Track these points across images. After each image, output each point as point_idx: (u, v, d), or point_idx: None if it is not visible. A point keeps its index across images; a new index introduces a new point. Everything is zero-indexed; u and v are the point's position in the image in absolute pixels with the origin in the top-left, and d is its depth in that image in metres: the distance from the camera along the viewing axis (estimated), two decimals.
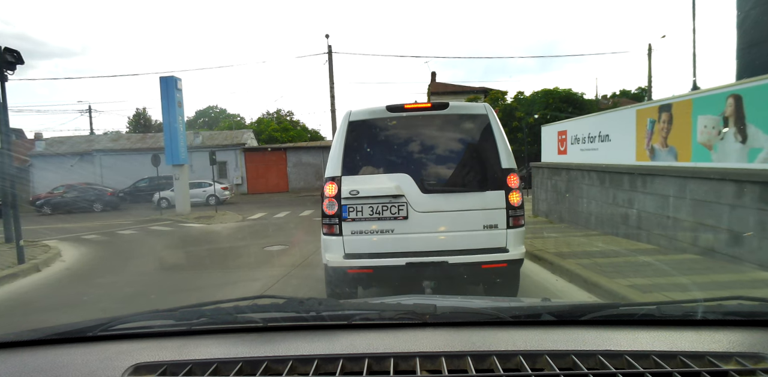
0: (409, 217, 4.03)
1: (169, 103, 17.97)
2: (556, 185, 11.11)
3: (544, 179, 11.97)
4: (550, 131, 12.13)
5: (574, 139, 10.47)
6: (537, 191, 12.59)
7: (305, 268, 7.07)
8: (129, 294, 6.23)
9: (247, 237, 11.93)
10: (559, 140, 11.39)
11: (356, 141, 4.15)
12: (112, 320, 1.26)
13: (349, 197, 4.03)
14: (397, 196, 4.02)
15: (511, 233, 4.06)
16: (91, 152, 29.85)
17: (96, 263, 9.19)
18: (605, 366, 0.98)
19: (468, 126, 4.27)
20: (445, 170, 4.19)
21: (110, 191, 24.25)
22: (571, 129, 10.68)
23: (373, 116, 4.23)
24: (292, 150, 30.32)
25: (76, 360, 1.10)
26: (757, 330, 1.18)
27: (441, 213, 4.05)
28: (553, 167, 11.40)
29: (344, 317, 1.28)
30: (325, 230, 4.15)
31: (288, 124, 48.11)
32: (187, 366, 1.03)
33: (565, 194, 10.51)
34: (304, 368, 1.02)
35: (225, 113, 65.25)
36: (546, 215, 11.81)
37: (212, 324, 1.27)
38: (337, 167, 4.09)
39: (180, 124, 18.31)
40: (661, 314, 1.23)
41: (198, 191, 22.33)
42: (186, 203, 18.82)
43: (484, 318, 1.28)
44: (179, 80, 18.26)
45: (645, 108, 7.65)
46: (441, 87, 36.70)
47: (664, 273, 5.37)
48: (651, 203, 7.09)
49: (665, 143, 6.98)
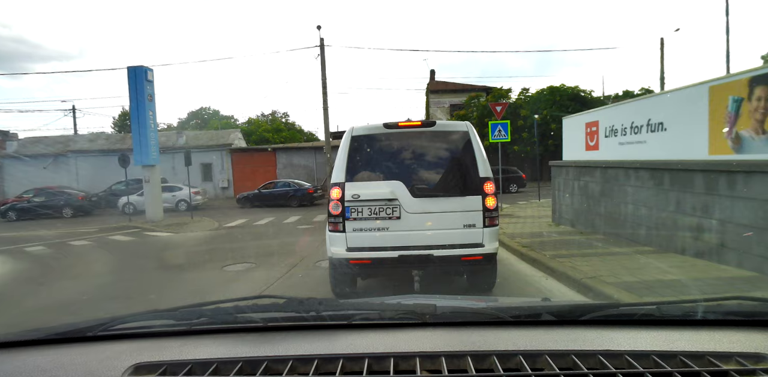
0: (401, 217, 4.66)
1: (138, 96, 16.00)
2: (587, 187, 9.16)
3: (569, 180, 10.02)
4: (574, 124, 10.19)
5: (609, 131, 8.53)
6: (559, 194, 10.63)
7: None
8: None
9: (212, 251, 9.93)
10: (587, 134, 9.45)
11: (357, 153, 4.76)
12: (112, 320, 1.26)
13: (352, 200, 4.64)
14: (392, 199, 4.64)
15: (486, 231, 4.65)
16: (67, 154, 27.82)
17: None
18: (605, 366, 0.98)
19: (452, 141, 4.84)
20: (432, 178, 4.79)
21: (81, 196, 22.24)
22: (605, 119, 8.74)
23: (371, 131, 4.84)
24: (282, 151, 28.33)
25: (76, 360, 1.10)
26: (757, 330, 1.17)
27: (428, 214, 4.66)
28: (581, 166, 9.44)
29: (344, 317, 1.29)
30: (331, 228, 4.74)
31: (281, 125, 46.13)
32: (187, 366, 1.02)
33: (600, 198, 8.56)
34: (304, 368, 1.02)
35: (218, 114, 63.44)
36: (572, 223, 9.86)
37: (212, 323, 1.26)
38: (341, 175, 4.69)
39: (151, 120, 16.33)
40: (661, 314, 1.23)
41: (167, 196, 20.30)
42: (157, 208, 16.82)
43: (485, 317, 1.29)
44: (150, 71, 16.30)
45: (724, 83, 5.69)
46: (441, 86, 34.72)
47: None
48: (745, 212, 5.13)
49: (763, 127, 5.03)
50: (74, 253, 10.71)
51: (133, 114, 16.19)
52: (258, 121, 43.75)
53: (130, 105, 16.16)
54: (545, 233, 9.16)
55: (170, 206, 20.50)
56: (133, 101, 16.07)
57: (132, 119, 16.30)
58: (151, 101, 16.39)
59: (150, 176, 16.48)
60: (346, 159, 4.70)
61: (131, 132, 16.12)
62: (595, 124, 9.17)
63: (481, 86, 33.07)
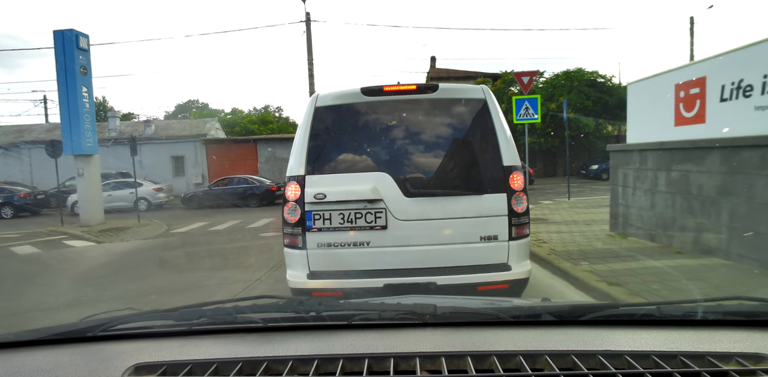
0: (388, 226, 3.32)
1: (67, 68, 12.68)
2: (686, 180, 5.92)
3: (646, 170, 6.78)
4: (652, 88, 6.93)
5: (733, 90, 5.28)
6: (624, 192, 7.39)
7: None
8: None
9: (119, 272, 6.69)
10: (680, 100, 6.20)
11: (324, 132, 3.46)
12: (112, 320, 1.24)
13: (315, 201, 3.32)
14: (374, 200, 3.31)
15: (513, 245, 3.32)
16: (19, 144, 24.49)
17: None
18: (605, 366, 0.97)
19: (462, 113, 3.50)
20: (434, 168, 3.43)
21: (24, 193, 18.97)
22: (722, 72, 5.50)
23: (344, 100, 3.44)
24: (264, 142, 24.96)
25: (76, 360, 1.10)
26: (758, 330, 1.16)
27: (428, 222, 3.33)
28: (673, 149, 6.19)
29: (344, 317, 1.27)
30: (287, 242, 3.46)
31: (270, 116, 42.76)
32: (187, 366, 1.02)
33: (719, 197, 5.32)
34: (304, 368, 1.01)
35: (207, 107, 60.27)
36: (650, 235, 6.62)
37: (212, 324, 1.25)
38: (299, 165, 3.36)
39: (85, 98, 13.02)
40: (661, 314, 1.22)
41: (124, 194, 17.10)
42: (95, 209, 13.53)
43: (485, 318, 1.27)
44: (83, 36, 12.99)
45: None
46: (443, 73, 31.34)
47: None
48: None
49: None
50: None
51: (61, 91, 12.84)
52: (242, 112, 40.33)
53: (57, 79, 12.82)
54: (621, 253, 5.92)
55: (128, 206, 17.34)
56: (60, 73, 12.73)
57: (60, 97, 12.94)
58: (85, 75, 13.07)
59: (84, 169, 13.17)
60: (307, 141, 3.39)
61: (60, 113, 12.83)
62: (697, 83, 5.91)
63: (488, 73, 29.79)
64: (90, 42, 13.30)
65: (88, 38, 13.18)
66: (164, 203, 18.82)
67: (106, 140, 23.51)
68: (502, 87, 25.60)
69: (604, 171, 22.24)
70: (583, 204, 12.31)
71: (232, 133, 34.50)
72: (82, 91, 12.90)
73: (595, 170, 22.80)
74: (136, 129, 25.81)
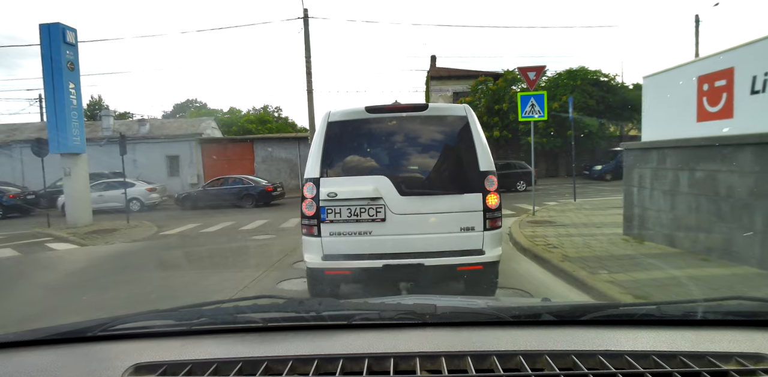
0: (386, 219, 4.03)
1: (53, 63, 12.18)
2: (712, 180, 5.42)
3: (666, 170, 6.29)
4: (673, 81, 6.44)
5: (767, 81, 4.80)
6: (642, 193, 6.90)
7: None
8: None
9: (92, 281, 6.18)
10: (705, 94, 5.71)
11: (335, 142, 4.15)
12: (112, 320, 1.24)
13: (328, 199, 4.02)
14: (375, 198, 4.02)
15: (487, 235, 4.06)
16: (10, 144, 23.96)
17: None
18: (605, 366, 0.97)
19: (447, 128, 4.24)
20: (424, 172, 4.17)
21: (13, 194, 18.46)
22: (753, 63, 5.01)
23: (351, 117, 4.19)
24: (261, 142, 24.44)
25: (77, 360, 1.10)
26: (758, 330, 1.15)
27: (418, 215, 4.04)
28: (697, 146, 5.70)
29: (344, 317, 1.26)
30: (305, 231, 4.17)
31: (268, 116, 42.25)
32: (187, 366, 1.01)
33: (752, 199, 4.82)
34: (304, 368, 1.01)
35: (206, 107, 59.76)
36: (669, 240, 6.13)
37: (212, 324, 1.25)
38: (315, 169, 4.08)
39: (72, 95, 12.51)
40: (662, 314, 1.21)
41: (116, 194, 16.56)
42: (83, 210, 13.01)
43: (485, 318, 1.27)
44: (71, 31, 12.48)
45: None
46: (443, 72, 30.80)
47: None
48: None
49: None
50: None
51: (47, 87, 12.33)
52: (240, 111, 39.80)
53: (43, 75, 12.32)
54: (641, 259, 5.42)
55: (120, 206, 16.82)
56: (47, 69, 12.23)
57: (46, 94, 12.43)
58: (72, 71, 12.56)
59: (71, 168, 12.67)
60: (322, 150, 4.07)
61: (46, 111, 12.32)
62: (723, 75, 5.42)
63: (489, 72, 29.28)
64: (78, 37, 12.80)
65: (75, 32, 12.68)
66: (157, 203, 18.30)
67: (99, 139, 22.99)
68: (503, 86, 25.11)
69: (608, 172, 21.76)
70: (590, 206, 11.81)
71: (229, 132, 34.01)
72: (69, 88, 12.39)
73: (599, 170, 22.23)
74: (130, 128, 25.28)
